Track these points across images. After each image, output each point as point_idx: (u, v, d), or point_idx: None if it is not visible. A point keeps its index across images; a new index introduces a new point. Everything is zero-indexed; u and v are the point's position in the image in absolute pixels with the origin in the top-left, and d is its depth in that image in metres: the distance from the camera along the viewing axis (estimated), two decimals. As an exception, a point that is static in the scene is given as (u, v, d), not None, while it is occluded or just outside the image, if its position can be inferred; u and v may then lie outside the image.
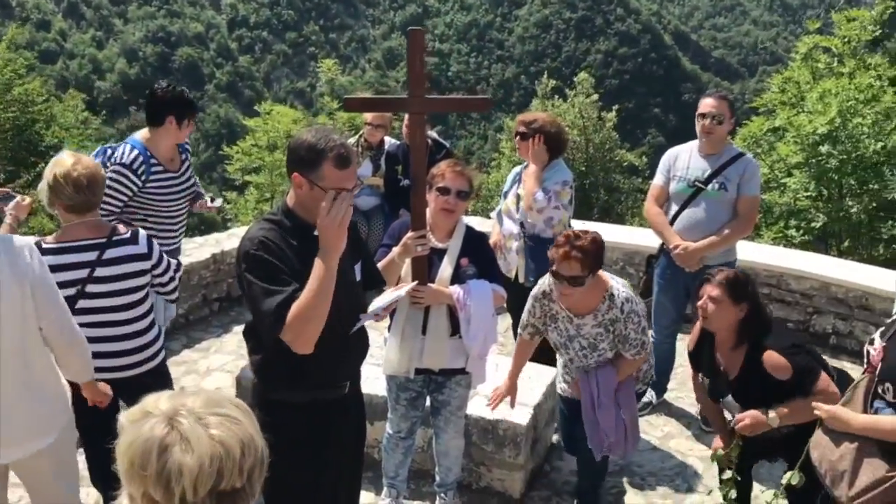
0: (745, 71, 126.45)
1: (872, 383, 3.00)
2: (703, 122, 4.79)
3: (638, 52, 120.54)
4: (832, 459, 3.02)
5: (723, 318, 3.46)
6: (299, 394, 2.94)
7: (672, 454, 4.86)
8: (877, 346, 3.01)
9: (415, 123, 3.65)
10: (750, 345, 3.45)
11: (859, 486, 2.90)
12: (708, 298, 3.47)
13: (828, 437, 3.07)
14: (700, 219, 4.81)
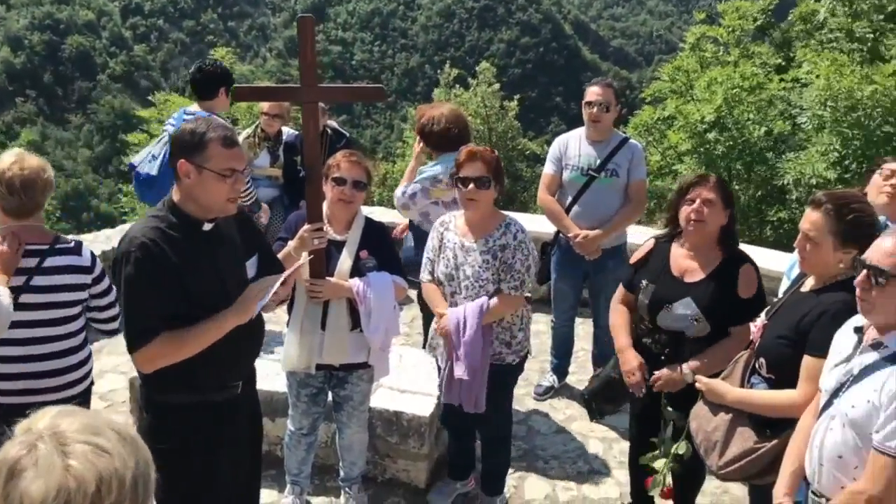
0: (642, 60, 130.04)
1: (752, 358, 3.14)
2: (590, 110, 4.89)
3: (539, 41, 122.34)
4: (707, 430, 3.15)
5: (715, 220, 3.39)
6: (187, 395, 2.85)
7: (574, 436, 4.96)
8: (759, 323, 3.15)
9: (308, 113, 3.59)
10: (726, 252, 3.45)
11: (729, 456, 3.05)
12: (702, 201, 3.37)
13: (706, 409, 3.20)
14: (595, 206, 4.93)
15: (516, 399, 5.28)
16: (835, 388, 2.57)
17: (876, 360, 2.45)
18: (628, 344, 3.64)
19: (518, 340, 3.90)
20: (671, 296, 3.46)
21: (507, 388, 4.02)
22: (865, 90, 8.04)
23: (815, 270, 3.01)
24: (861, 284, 2.44)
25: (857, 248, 2.81)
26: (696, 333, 3.43)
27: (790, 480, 2.77)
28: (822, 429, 2.59)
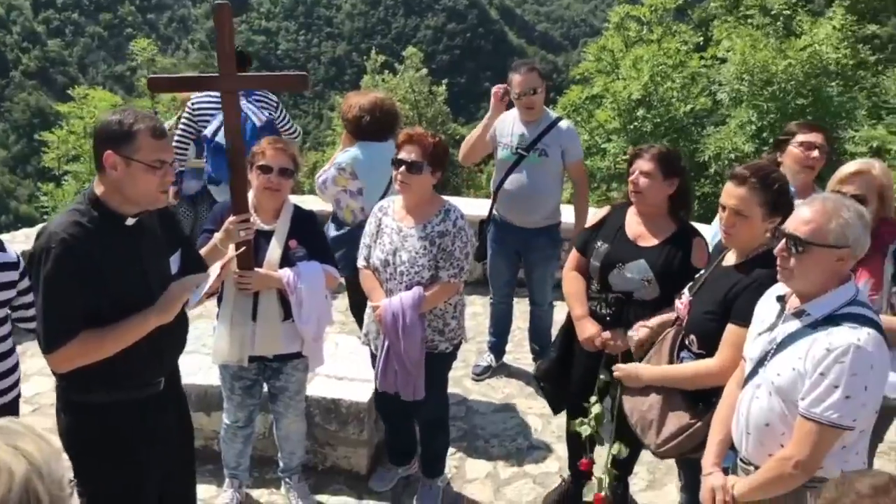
0: (567, 44, 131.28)
1: (679, 335, 3.18)
2: (521, 99, 4.91)
3: (466, 27, 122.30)
4: (642, 409, 3.19)
5: (654, 191, 3.45)
6: (108, 394, 2.75)
7: (513, 414, 5.01)
8: (684, 300, 3.18)
9: (228, 102, 3.50)
10: (679, 223, 3.51)
11: (665, 434, 3.09)
12: (640, 173, 3.43)
13: (636, 392, 3.24)
14: (524, 185, 4.97)
15: (454, 381, 5.32)
16: (759, 356, 2.62)
17: (799, 328, 2.51)
18: (585, 312, 3.64)
19: (451, 328, 3.88)
20: (625, 257, 3.50)
21: (441, 374, 4.01)
22: (780, 64, 8.29)
23: (741, 245, 3.03)
24: (780, 253, 2.48)
25: (781, 217, 2.86)
26: (645, 296, 3.47)
27: (718, 449, 2.83)
28: (748, 397, 2.64)
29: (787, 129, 3.96)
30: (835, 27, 9.41)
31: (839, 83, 9.11)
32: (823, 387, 2.38)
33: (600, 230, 3.67)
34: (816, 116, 8.39)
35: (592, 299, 3.65)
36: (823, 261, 2.46)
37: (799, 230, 2.45)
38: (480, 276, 6.41)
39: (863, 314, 2.48)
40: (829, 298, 2.49)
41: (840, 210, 2.47)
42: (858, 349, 2.38)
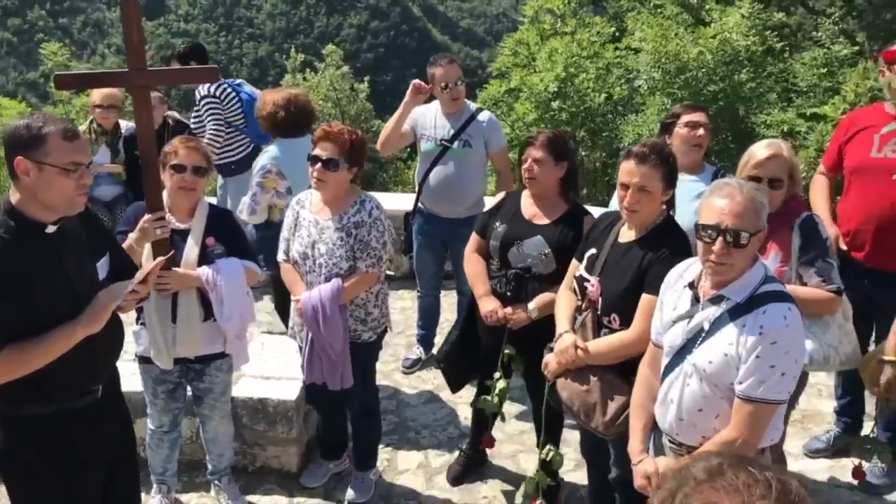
0: (490, 39, 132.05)
1: (596, 315, 3.26)
2: (447, 91, 4.94)
3: (390, 25, 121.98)
4: (583, 394, 3.23)
5: (547, 176, 3.68)
6: (42, 406, 2.66)
7: (444, 404, 5.05)
8: (592, 281, 3.26)
9: (139, 99, 3.44)
10: (570, 203, 3.73)
11: (611, 413, 3.15)
12: (532, 161, 3.65)
13: (570, 378, 3.30)
14: (449, 176, 5.01)
15: (385, 374, 5.35)
16: (681, 344, 2.68)
17: (722, 314, 2.57)
18: (487, 290, 3.81)
19: (374, 317, 3.92)
20: (522, 234, 3.70)
21: (367, 363, 4.04)
22: (691, 52, 8.54)
23: (643, 220, 3.16)
24: (719, 252, 2.48)
25: (672, 189, 3.11)
26: (543, 270, 3.66)
27: (643, 435, 2.90)
28: (677, 385, 2.69)
29: (672, 113, 4.17)
30: (743, 15, 9.72)
31: (749, 69, 9.42)
32: (762, 369, 2.46)
33: (498, 213, 3.86)
34: (728, 102, 8.67)
35: (494, 278, 3.81)
36: (753, 248, 2.55)
37: (737, 224, 2.47)
38: (408, 270, 6.42)
39: (779, 290, 2.57)
40: (746, 281, 2.56)
41: (755, 196, 2.55)
42: (787, 327, 2.48)
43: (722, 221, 2.48)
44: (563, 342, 3.28)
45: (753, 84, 9.29)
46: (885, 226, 3.95)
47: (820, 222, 3.40)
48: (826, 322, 3.36)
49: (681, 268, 2.83)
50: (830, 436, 4.48)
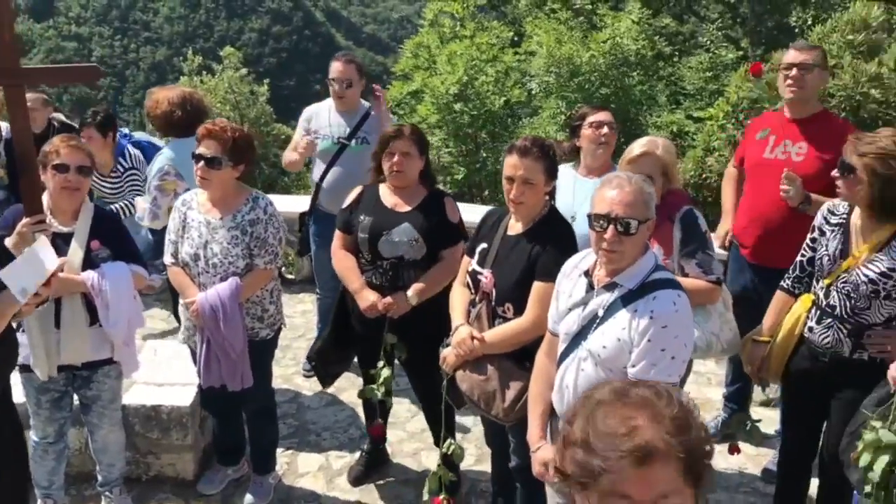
0: (394, 45, 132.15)
1: (490, 306, 3.33)
2: (334, 86, 4.97)
3: (292, 29, 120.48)
4: (482, 382, 3.30)
5: (413, 168, 3.79)
6: None
7: (345, 406, 5.03)
8: (485, 273, 3.33)
9: (12, 98, 3.30)
10: (428, 188, 3.87)
11: (510, 398, 3.22)
12: (401, 155, 3.74)
13: (469, 369, 3.36)
14: (347, 174, 4.97)
15: (285, 378, 5.29)
16: (577, 330, 2.75)
17: (615, 300, 2.65)
18: (362, 284, 3.83)
19: (270, 314, 3.91)
20: (389, 224, 3.76)
21: (264, 361, 3.99)
22: (584, 56, 8.79)
23: (528, 212, 3.27)
24: (611, 239, 2.57)
25: (554, 180, 3.25)
26: (415, 255, 3.74)
27: (541, 422, 2.96)
28: (572, 370, 2.76)
29: (578, 114, 4.25)
30: (633, 21, 10.07)
31: (640, 73, 9.76)
32: (653, 352, 2.55)
33: (358, 207, 3.91)
34: (620, 104, 8.96)
35: (367, 271, 3.85)
36: (642, 236, 2.64)
37: (626, 213, 2.56)
38: (309, 273, 6.36)
39: (669, 278, 2.69)
40: (638, 268, 2.66)
41: (643, 186, 2.65)
42: (677, 312, 2.58)
43: (612, 210, 2.57)
44: (460, 334, 3.34)
45: (644, 87, 9.63)
46: (768, 224, 4.13)
47: (699, 216, 3.57)
48: (708, 311, 3.53)
49: (577, 258, 2.91)
50: (718, 421, 4.68)
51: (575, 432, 1.44)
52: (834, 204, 3.42)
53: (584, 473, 1.37)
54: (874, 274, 3.13)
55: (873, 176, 3.07)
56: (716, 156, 7.07)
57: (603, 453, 1.35)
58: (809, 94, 4.07)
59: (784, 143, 4.13)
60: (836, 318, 3.28)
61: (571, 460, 1.41)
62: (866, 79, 6.22)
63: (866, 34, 6.53)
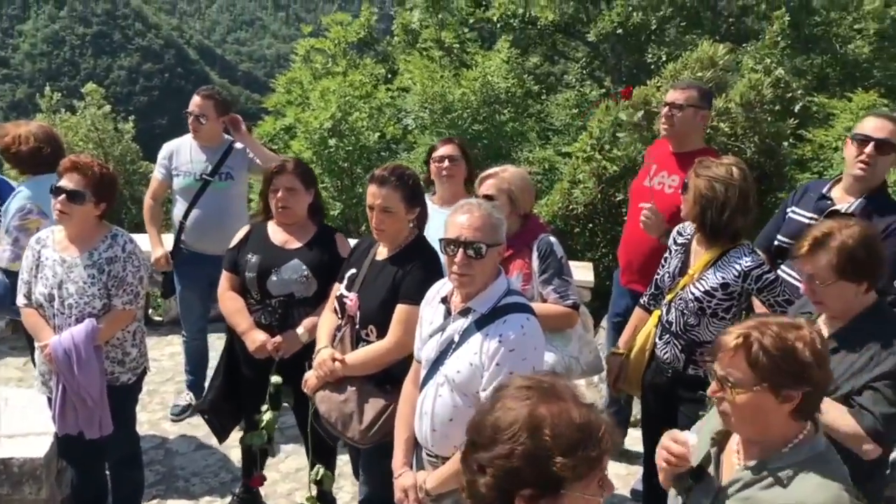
0: (271, 83, 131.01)
1: (354, 329, 3.35)
2: (190, 119, 4.91)
3: (164, 67, 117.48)
4: (340, 404, 3.28)
5: (299, 203, 3.72)
6: None
7: (216, 450, 4.83)
8: (350, 296, 3.35)
9: None
10: (318, 224, 3.81)
11: (367, 420, 3.22)
12: (285, 191, 3.66)
13: (329, 390, 3.34)
14: (212, 211, 4.88)
15: (152, 423, 5.06)
16: (435, 356, 2.81)
17: (469, 325, 2.73)
18: (251, 325, 3.73)
19: (132, 357, 3.75)
20: (278, 261, 3.68)
21: (127, 407, 3.82)
22: (456, 94, 8.99)
23: (391, 238, 3.33)
24: (461, 262, 2.66)
25: (417, 208, 3.30)
26: (305, 293, 3.68)
27: (406, 448, 2.98)
28: (430, 396, 2.80)
29: (430, 148, 4.34)
30: (503, 60, 10.38)
31: (510, 110, 10.04)
32: (501, 376, 2.58)
33: (245, 246, 3.82)
34: (492, 140, 9.19)
35: (255, 311, 3.75)
36: (493, 260, 2.72)
37: (476, 237, 2.65)
38: (177, 314, 6.14)
39: (519, 302, 2.77)
40: (490, 293, 2.74)
41: (491, 212, 2.76)
42: (525, 336, 2.66)
43: (461, 235, 2.66)
44: (321, 356, 3.36)
45: (515, 124, 9.92)
46: (639, 249, 4.29)
47: (555, 243, 3.71)
48: (567, 335, 3.67)
49: (438, 285, 2.99)
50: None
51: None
52: (683, 226, 3.61)
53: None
54: (699, 292, 3.33)
55: (699, 196, 3.27)
56: (581, 188, 7.35)
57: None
58: (681, 130, 4.18)
59: (662, 173, 4.28)
60: (673, 334, 3.46)
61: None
62: (716, 113, 6.63)
63: (714, 71, 6.99)
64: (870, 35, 11.05)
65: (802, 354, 1.97)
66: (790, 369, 1.97)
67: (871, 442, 2.62)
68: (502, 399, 1.70)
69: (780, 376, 1.97)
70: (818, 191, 3.72)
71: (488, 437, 1.66)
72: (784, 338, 1.98)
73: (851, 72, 11.09)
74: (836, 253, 2.70)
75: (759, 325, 2.02)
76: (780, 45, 8.81)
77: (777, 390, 1.98)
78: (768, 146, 7.27)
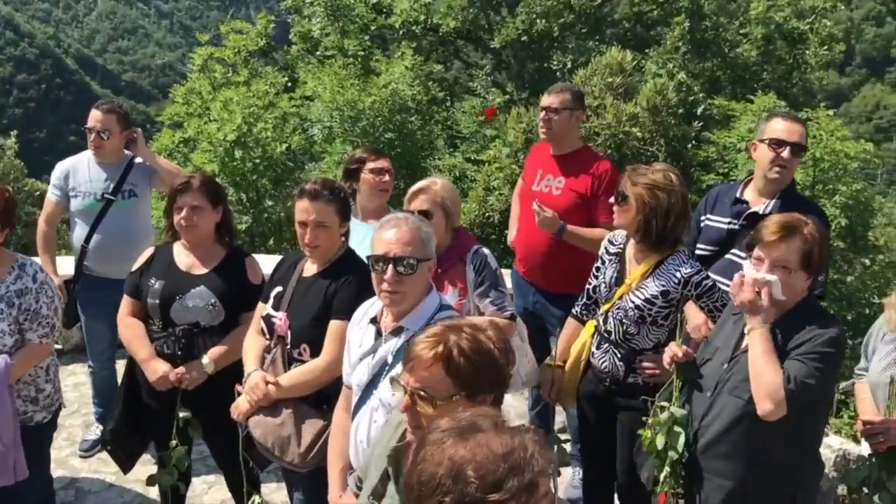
0: (157, 92, 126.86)
1: (286, 350, 3.22)
2: (90, 136, 4.61)
3: (40, 78, 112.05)
4: (277, 428, 3.13)
5: (205, 221, 3.52)
6: None
7: (129, 486, 4.51)
8: (280, 316, 3.23)
9: None
10: (227, 247, 3.63)
11: (306, 443, 3.09)
12: (189, 209, 3.46)
13: (263, 414, 3.19)
14: (117, 231, 4.59)
15: (60, 462, 4.70)
16: (368, 380, 2.69)
17: (402, 345, 2.61)
18: (151, 354, 3.49)
19: (46, 394, 3.49)
20: (183, 288, 3.48)
21: (41, 448, 3.54)
22: (366, 101, 8.86)
23: (323, 254, 3.22)
24: (392, 279, 2.57)
25: (347, 222, 3.25)
26: (211, 322, 3.49)
27: (340, 478, 2.86)
28: (364, 423, 2.69)
29: (356, 158, 4.18)
30: (406, 67, 10.30)
31: (418, 118, 9.98)
32: None
33: (149, 270, 3.60)
34: (404, 149, 9.11)
35: (158, 339, 3.52)
36: (424, 275, 2.65)
37: (406, 252, 2.57)
38: (79, 341, 5.74)
39: (452, 317, 2.65)
40: (422, 310, 2.67)
41: (420, 226, 2.69)
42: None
43: (390, 250, 2.59)
44: (252, 379, 3.19)
45: (423, 132, 9.86)
46: (536, 250, 4.38)
47: (489, 254, 3.67)
48: None
49: (365, 305, 2.88)
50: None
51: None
52: (613, 235, 3.62)
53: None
54: (640, 300, 3.33)
55: (642, 205, 3.26)
56: (496, 195, 7.35)
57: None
58: (559, 133, 4.27)
59: (547, 177, 4.35)
60: (612, 343, 3.46)
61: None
62: (626, 118, 6.77)
63: (623, 77, 7.14)
64: (757, 39, 11.53)
65: (496, 356, 1.95)
66: (488, 374, 1.95)
67: (776, 402, 2.66)
68: (423, 450, 1.57)
69: (479, 382, 1.95)
70: (731, 195, 3.79)
71: (416, 496, 1.52)
72: (479, 340, 1.96)
73: (741, 74, 11.56)
74: (804, 242, 2.73)
75: (453, 329, 1.98)
76: (681, 50, 9.08)
77: (473, 397, 1.95)
78: (674, 149, 7.48)
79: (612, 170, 4.23)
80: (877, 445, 3.01)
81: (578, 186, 4.21)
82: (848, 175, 7.37)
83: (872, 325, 3.29)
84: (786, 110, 5.88)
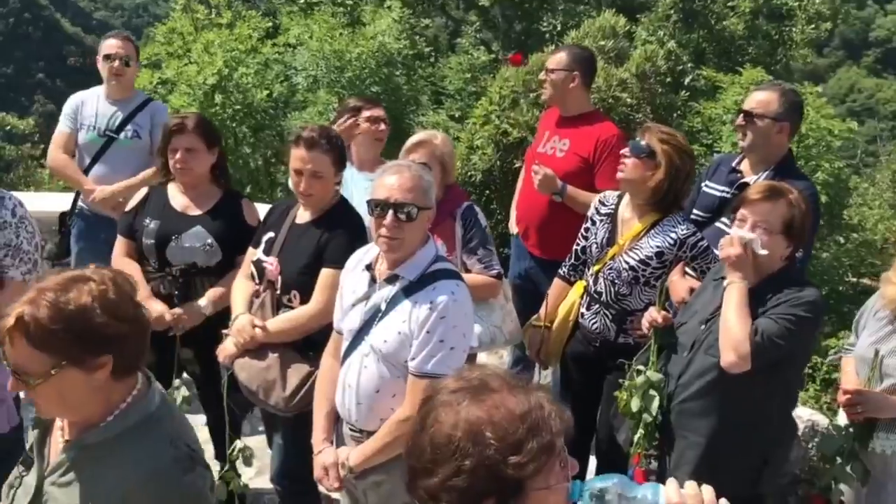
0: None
1: (275, 295, 3.23)
2: (109, 63, 4.51)
3: (7, 11, 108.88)
4: (262, 371, 3.14)
5: (200, 163, 3.53)
6: None
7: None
8: (270, 261, 3.22)
9: None
10: (223, 188, 3.64)
11: (291, 387, 3.10)
12: (183, 151, 3.46)
13: (248, 358, 3.20)
14: (116, 170, 4.55)
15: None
16: (360, 326, 2.70)
17: (396, 293, 2.63)
18: (148, 294, 3.45)
19: None
20: (179, 228, 3.48)
21: None
22: (353, 52, 8.73)
23: (317, 203, 3.22)
24: (390, 225, 2.56)
25: (342, 171, 3.24)
26: (208, 262, 3.49)
27: (325, 424, 2.88)
28: (354, 368, 2.70)
29: (351, 107, 4.11)
30: (394, 19, 10.13)
31: (403, 72, 9.85)
32: (432, 344, 2.53)
33: (144, 209, 3.58)
34: (390, 103, 8.98)
35: (154, 279, 3.51)
36: (423, 224, 2.64)
37: (407, 198, 2.55)
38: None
39: (449, 269, 2.72)
40: (418, 259, 2.66)
41: (422, 174, 2.68)
42: (455, 302, 2.58)
43: (391, 196, 2.58)
44: (239, 322, 3.21)
45: (408, 87, 9.74)
46: (535, 214, 4.37)
47: (479, 211, 3.67)
48: (491, 305, 3.68)
49: (360, 252, 2.88)
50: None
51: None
52: (605, 195, 3.63)
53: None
54: (634, 261, 3.36)
55: (670, 165, 3.26)
56: (479, 154, 7.30)
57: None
58: (557, 95, 4.28)
59: (553, 139, 4.35)
60: (603, 304, 3.49)
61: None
62: (616, 83, 6.73)
63: (615, 41, 7.09)
64: (745, 13, 11.50)
65: (92, 314, 1.74)
66: (87, 335, 1.74)
67: (740, 354, 2.69)
68: (433, 411, 1.52)
69: (77, 345, 1.74)
70: (729, 164, 3.83)
71: (429, 459, 1.48)
72: (59, 304, 1.73)
73: (727, 48, 11.54)
74: (788, 207, 2.78)
75: (35, 298, 1.75)
76: (672, 19, 9.03)
77: (80, 363, 1.76)
78: (660, 117, 7.47)
79: (618, 135, 4.22)
80: (854, 416, 3.09)
81: (582, 150, 4.19)
82: (831, 153, 7.43)
83: (866, 301, 3.35)
84: (772, 81, 5.88)
